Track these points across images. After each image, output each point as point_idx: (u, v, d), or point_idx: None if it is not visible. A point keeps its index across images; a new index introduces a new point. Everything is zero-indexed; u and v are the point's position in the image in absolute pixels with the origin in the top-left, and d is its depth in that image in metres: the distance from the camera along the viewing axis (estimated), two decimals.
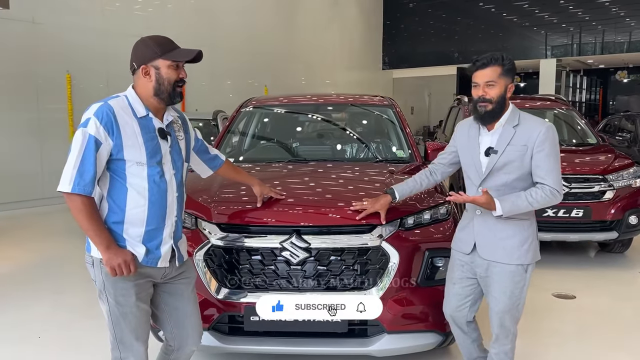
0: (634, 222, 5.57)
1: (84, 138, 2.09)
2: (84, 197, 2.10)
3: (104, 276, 2.22)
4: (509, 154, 2.53)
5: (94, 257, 2.24)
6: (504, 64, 2.52)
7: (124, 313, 2.24)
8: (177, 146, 2.37)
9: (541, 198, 2.48)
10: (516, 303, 2.61)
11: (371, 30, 20.80)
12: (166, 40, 2.27)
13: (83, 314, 4.37)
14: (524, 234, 2.58)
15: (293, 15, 16.42)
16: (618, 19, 20.12)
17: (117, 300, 2.23)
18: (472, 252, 2.67)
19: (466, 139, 2.73)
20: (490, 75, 2.51)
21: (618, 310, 4.45)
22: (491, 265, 2.60)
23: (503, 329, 2.66)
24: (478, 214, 2.63)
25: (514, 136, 2.54)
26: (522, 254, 2.56)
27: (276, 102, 4.89)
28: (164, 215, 2.28)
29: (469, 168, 2.70)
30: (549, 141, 2.50)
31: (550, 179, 2.48)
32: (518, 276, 2.57)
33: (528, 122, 2.57)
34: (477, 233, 2.63)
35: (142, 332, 2.31)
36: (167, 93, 2.24)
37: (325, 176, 3.64)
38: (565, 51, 20.72)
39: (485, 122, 2.61)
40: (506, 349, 2.70)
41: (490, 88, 2.51)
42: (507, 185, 2.56)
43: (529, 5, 20.98)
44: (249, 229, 2.91)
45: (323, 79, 17.99)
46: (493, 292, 2.62)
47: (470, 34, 21.82)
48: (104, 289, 2.25)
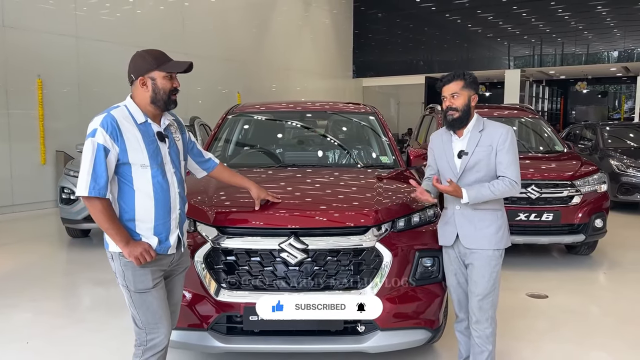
0: (599, 225, 5.89)
1: (94, 147, 2.35)
2: (102, 200, 2.35)
3: (123, 267, 2.47)
4: (478, 154, 2.90)
5: (112, 252, 2.49)
6: (465, 78, 2.94)
7: (145, 297, 2.48)
8: (175, 147, 2.63)
9: (502, 187, 2.84)
10: (493, 285, 2.92)
11: (341, 39, 21.08)
12: (161, 54, 2.52)
13: (67, 320, 4.37)
14: (498, 222, 2.93)
15: (265, 23, 16.53)
16: (577, 31, 20.97)
17: (137, 287, 2.47)
18: (456, 243, 2.98)
19: (440, 145, 3.07)
20: (454, 88, 2.93)
21: (588, 308, 4.71)
22: (473, 252, 2.91)
23: (482, 311, 2.93)
24: (458, 209, 2.96)
25: (481, 139, 2.91)
26: (498, 240, 2.92)
27: (262, 109, 4.99)
28: (169, 210, 2.54)
29: (446, 170, 3.02)
30: (509, 141, 2.90)
31: (510, 172, 2.86)
32: (494, 260, 2.91)
33: (491, 126, 2.96)
34: (459, 226, 2.96)
35: (163, 312, 2.53)
36: (162, 101, 2.52)
37: (317, 181, 3.77)
38: (527, 62, 21.45)
39: (454, 128, 2.97)
40: (487, 332, 2.94)
41: (456, 99, 2.92)
42: (479, 181, 2.92)
43: (493, 17, 21.66)
44: (248, 231, 3.01)
45: (294, 86, 18.13)
46: (473, 276, 2.93)
47: (436, 44, 22.37)
48: (124, 278, 2.48)
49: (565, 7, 20.28)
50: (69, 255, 6.57)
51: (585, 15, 20.24)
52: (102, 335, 4.05)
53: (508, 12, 21.17)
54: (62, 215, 6.92)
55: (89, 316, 4.48)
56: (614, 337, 4.07)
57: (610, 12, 19.82)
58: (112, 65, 11.16)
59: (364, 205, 3.15)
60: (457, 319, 3.17)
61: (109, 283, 5.46)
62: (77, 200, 6.72)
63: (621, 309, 4.71)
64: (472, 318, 2.96)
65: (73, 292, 5.37)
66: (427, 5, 21.63)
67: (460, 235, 2.94)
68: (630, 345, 3.92)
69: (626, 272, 5.83)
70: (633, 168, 9.08)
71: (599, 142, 10.27)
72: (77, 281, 5.63)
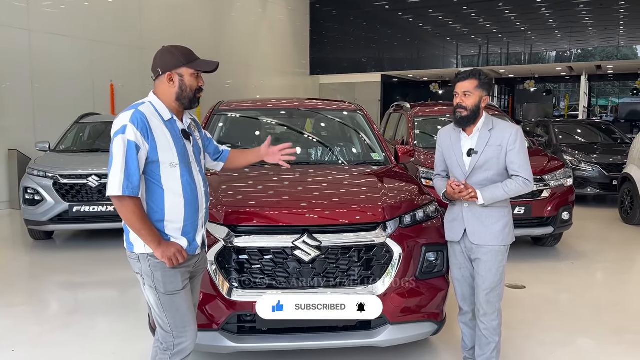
0: (566, 217, 6.18)
1: (125, 144, 2.27)
2: (135, 199, 2.28)
3: (152, 268, 2.39)
4: (488, 153, 2.95)
5: (138, 254, 2.40)
6: (481, 78, 2.95)
7: (174, 299, 2.41)
8: (197, 145, 2.59)
9: (515, 187, 2.92)
10: (499, 279, 3.02)
11: (298, 36, 21.05)
12: (189, 51, 2.48)
13: (52, 325, 4.21)
14: (505, 219, 3.02)
15: (222, 18, 16.29)
16: (520, 32, 21.80)
17: (166, 288, 2.40)
18: (463, 239, 3.05)
19: (449, 142, 3.11)
20: (467, 86, 2.94)
21: (565, 297, 4.95)
22: (480, 248, 2.99)
23: (490, 304, 3.02)
24: (466, 206, 3.02)
25: (490, 138, 2.97)
26: (505, 236, 3.01)
27: (251, 107, 4.94)
28: (197, 209, 2.49)
29: (455, 168, 3.08)
30: (519, 141, 2.96)
31: (523, 171, 2.93)
32: (501, 255, 3.01)
33: (500, 125, 3.01)
34: (467, 222, 3.02)
35: (192, 315, 2.49)
36: (188, 98, 2.46)
37: (319, 179, 3.78)
38: (474, 61, 22.14)
39: (461, 126, 3.02)
40: (494, 324, 3.04)
41: (467, 97, 2.94)
42: (488, 180, 2.97)
43: (443, 16, 22.20)
44: (260, 229, 2.99)
45: (249, 83, 17.96)
46: (481, 271, 3.01)
47: (388, 43, 22.73)
48: (153, 280, 2.40)
49: (512, 9, 21.01)
50: (35, 258, 6.28)
51: (530, 17, 21.05)
52: (92, 339, 3.92)
53: (458, 12, 21.74)
54: (25, 217, 6.60)
55: (73, 320, 4.32)
56: (593, 324, 4.30)
57: (553, 14, 20.70)
58: (67, 60, 10.75)
59: (374, 201, 3.19)
60: (461, 311, 3.26)
61: (84, 286, 5.29)
62: (42, 201, 6.45)
63: (595, 296, 4.97)
64: (479, 311, 3.05)
65: (49, 296, 5.14)
66: (381, 3, 21.92)
67: (468, 232, 3.00)
68: (610, 330, 4.15)
69: (591, 262, 6.15)
70: (585, 163, 9.55)
71: (552, 139, 10.74)
72: (50, 285, 5.39)
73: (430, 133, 7.77)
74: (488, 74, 2.98)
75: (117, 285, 5.26)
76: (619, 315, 4.47)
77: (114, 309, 4.58)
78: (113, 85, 11.72)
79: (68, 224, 6.62)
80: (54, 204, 6.42)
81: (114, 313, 4.48)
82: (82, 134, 8.06)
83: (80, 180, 6.47)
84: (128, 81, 12.04)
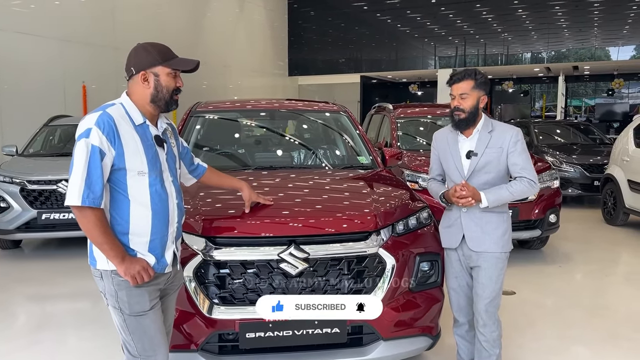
0: (553, 220, 6.09)
1: (88, 149, 2.06)
2: (97, 210, 2.05)
3: (116, 286, 2.18)
4: (488, 155, 2.81)
5: (101, 270, 2.19)
6: (477, 78, 2.80)
7: (141, 321, 2.20)
8: (171, 153, 2.38)
9: (521, 188, 2.78)
10: (499, 287, 2.87)
11: (276, 37, 20.81)
12: (166, 49, 2.28)
13: (19, 342, 3.95)
14: (504, 225, 2.88)
15: (199, 18, 15.98)
16: (497, 33, 21.93)
17: (132, 309, 2.18)
18: (461, 245, 2.89)
19: (446, 145, 2.95)
20: (463, 88, 2.79)
21: (555, 302, 4.83)
22: (480, 255, 2.83)
23: (489, 314, 2.86)
24: (464, 211, 2.86)
25: (491, 140, 2.82)
26: (505, 242, 2.87)
27: (229, 108, 4.69)
28: (167, 223, 2.27)
29: (452, 171, 2.91)
30: (520, 142, 2.83)
31: (527, 172, 2.80)
32: (501, 262, 2.86)
33: (500, 127, 2.87)
34: (465, 228, 2.86)
35: (161, 337, 2.27)
36: (164, 100, 2.26)
37: (304, 184, 3.56)
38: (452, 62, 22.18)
39: (460, 129, 2.87)
40: (494, 335, 2.88)
41: (464, 99, 2.79)
42: (488, 183, 2.83)
43: (421, 17, 22.20)
44: (243, 241, 2.76)
45: (226, 84, 17.66)
46: (480, 278, 2.85)
47: (366, 44, 22.65)
48: (117, 300, 2.19)
49: (490, 10, 21.11)
50: (1, 269, 5.93)
51: (507, 18, 21.18)
52: (63, 357, 3.65)
53: (436, 13, 21.75)
54: None
55: (42, 337, 4.05)
56: (586, 329, 4.18)
57: (529, 15, 20.85)
58: (36, 60, 10.34)
59: (365, 209, 2.99)
60: (456, 323, 3.09)
61: (54, 298, 4.99)
62: (8, 208, 6.11)
63: (585, 301, 4.86)
64: (478, 322, 2.88)
65: (17, 309, 4.83)
66: (359, 4, 21.82)
67: (466, 238, 2.85)
68: (604, 337, 4.03)
69: (578, 264, 6.06)
70: (566, 163, 9.51)
71: (533, 140, 10.68)
72: (18, 297, 5.08)
73: (414, 134, 7.63)
74: (483, 73, 2.82)
75: (89, 296, 4.96)
76: (612, 320, 4.37)
77: (86, 323, 4.31)
78: (85, 87, 11.32)
79: (37, 232, 6.29)
80: (21, 212, 6.09)
81: (86, 328, 4.21)
82: (52, 137, 7.71)
83: (50, 186, 6.14)
84: (101, 82, 11.65)
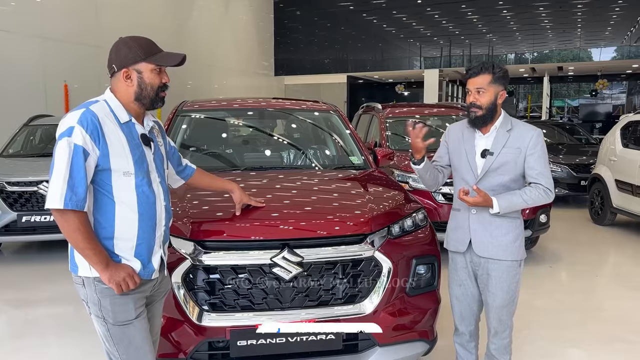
0: (544, 220, 6.05)
1: (70, 148, 1.93)
2: (80, 214, 1.93)
3: (99, 294, 2.06)
4: (505, 155, 2.64)
5: (83, 277, 2.07)
6: (495, 72, 2.62)
7: (126, 330, 2.08)
8: (159, 152, 2.26)
9: (535, 196, 2.61)
10: (512, 297, 2.72)
11: (262, 36, 20.66)
12: (149, 43, 2.16)
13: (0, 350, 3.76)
14: (516, 232, 2.70)
15: (183, 17, 15.78)
16: (482, 34, 22.04)
17: (116, 318, 2.07)
18: (468, 250, 2.75)
19: (460, 140, 2.78)
20: (480, 82, 2.62)
21: (548, 303, 4.77)
22: (489, 262, 2.69)
23: (501, 323, 2.75)
24: (473, 213, 2.71)
25: (509, 139, 2.65)
26: (516, 250, 2.69)
27: (216, 107, 4.55)
28: (154, 226, 2.16)
29: (464, 169, 2.74)
30: (540, 145, 2.65)
31: (543, 179, 2.63)
32: (513, 270, 2.69)
33: (520, 127, 2.69)
34: (472, 231, 2.71)
35: (148, 347, 2.15)
36: (149, 98, 2.14)
37: (295, 185, 3.45)
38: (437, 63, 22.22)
39: (476, 126, 2.70)
40: (505, 342, 2.78)
41: (481, 95, 2.61)
42: (502, 185, 2.66)
43: (407, 17, 22.22)
44: (234, 245, 2.65)
45: (211, 84, 17.48)
46: (491, 288, 2.71)
47: (352, 44, 22.62)
48: (100, 309, 2.07)
49: (475, 11, 21.19)
50: None
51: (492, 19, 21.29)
52: None
53: (421, 14, 21.80)
54: None
55: (23, 344, 3.91)
56: (581, 331, 4.14)
57: (514, 16, 20.99)
58: (16, 58, 10.09)
59: (360, 210, 2.88)
60: (456, 331, 2.97)
61: (35, 304, 4.82)
62: None
63: (578, 302, 4.82)
64: (489, 331, 2.79)
65: None
66: (346, 4, 21.77)
67: (473, 242, 2.70)
68: (598, 338, 3.99)
69: (569, 265, 6.03)
70: (553, 163, 9.51)
71: None
72: None
73: (403, 134, 7.56)
74: (502, 66, 2.62)
75: (70, 302, 4.80)
76: (605, 322, 4.33)
77: (68, 330, 4.16)
78: (67, 86, 11.08)
79: (17, 236, 6.08)
80: (0, 214, 5.88)
81: (68, 334, 4.06)
82: (33, 137, 7.50)
83: (30, 187, 5.95)
84: (84, 81, 11.41)
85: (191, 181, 2.66)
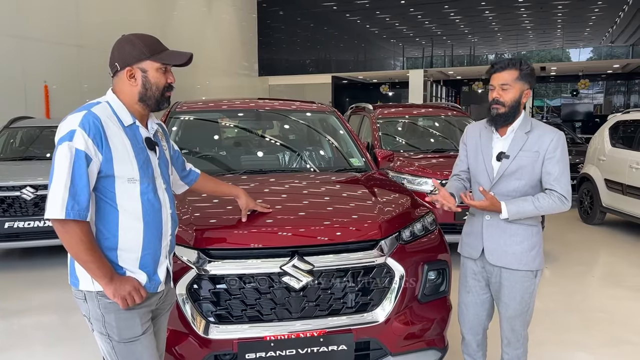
0: None
1: (72, 154, 1.79)
2: (82, 224, 1.79)
3: (103, 310, 1.92)
4: (521, 159, 2.52)
5: (85, 291, 1.93)
6: (522, 68, 2.50)
7: (132, 348, 1.95)
8: (164, 157, 2.12)
9: (548, 204, 2.47)
10: (526, 308, 2.62)
11: (245, 36, 20.47)
12: (154, 40, 2.05)
13: None
14: (532, 240, 2.57)
15: (166, 17, 15.53)
16: (463, 35, 22.15)
17: (122, 335, 1.94)
18: (481, 257, 2.64)
19: (477, 142, 2.67)
20: (506, 78, 2.49)
21: (549, 305, 4.72)
22: (502, 271, 2.59)
23: (514, 333, 2.66)
24: (487, 219, 2.60)
25: (527, 142, 2.53)
26: (531, 259, 2.57)
27: (211, 108, 4.39)
28: (160, 236, 2.03)
29: (480, 173, 2.63)
30: (560, 148, 2.51)
31: (560, 185, 2.49)
32: (527, 281, 2.58)
33: (540, 129, 2.56)
34: (486, 238, 2.60)
35: None
36: (154, 99, 2.01)
37: (300, 189, 3.32)
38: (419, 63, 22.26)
39: (497, 125, 2.57)
40: (518, 352, 2.69)
41: (505, 91, 2.50)
42: (518, 190, 2.54)
43: (390, 18, 22.22)
44: (240, 252, 2.51)
45: (194, 84, 17.23)
46: (503, 297, 2.62)
47: (335, 44, 22.55)
48: (104, 325, 1.94)
49: (457, 11, 21.28)
50: None
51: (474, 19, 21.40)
52: None
53: (404, 14, 21.81)
54: None
55: (10, 355, 3.72)
56: (584, 334, 4.09)
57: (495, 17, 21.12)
58: None
59: (371, 215, 2.77)
60: (463, 340, 2.88)
61: (19, 314, 4.62)
62: None
63: (579, 304, 4.78)
64: (502, 341, 2.71)
65: None
66: (329, 4, 21.69)
67: (485, 249, 2.60)
68: (603, 341, 3.95)
69: (565, 266, 6.00)
70: None
71: None
72: None
73: (394, 135, 7.49)
74: (529, 63, 2.50)
75: (57, 310, 4.62)
76: (609, 323, 4.29)
77: (56, 340, 3.99)
78: (47, 87, 10.78)
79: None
80: None
81: (56, 344, 3.91)
82: (13, 140, 7.24)
83: (13, 192, 5.72)
84: (65, 82, 11.11)
85: (195, 186, 2.52)
